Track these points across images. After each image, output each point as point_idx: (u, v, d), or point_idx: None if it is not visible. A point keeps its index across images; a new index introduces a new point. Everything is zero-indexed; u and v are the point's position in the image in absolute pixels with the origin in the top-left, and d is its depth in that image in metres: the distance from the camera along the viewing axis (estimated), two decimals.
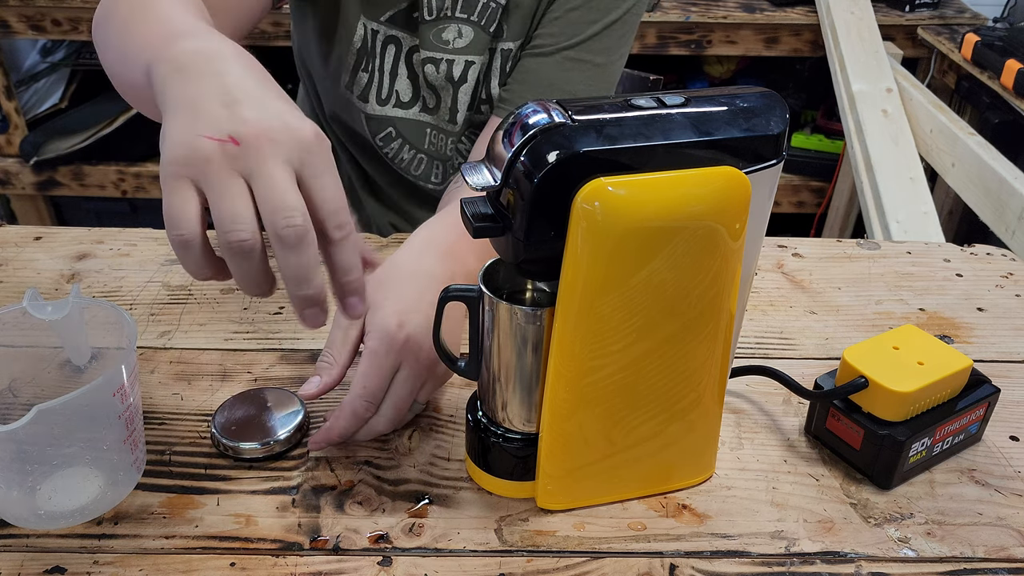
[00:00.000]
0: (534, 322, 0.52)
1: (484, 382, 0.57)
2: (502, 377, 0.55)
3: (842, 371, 0.61)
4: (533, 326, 0.52)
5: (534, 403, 0.55)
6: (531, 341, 0.53)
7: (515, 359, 0.54)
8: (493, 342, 0.54)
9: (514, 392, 0.55)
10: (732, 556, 0.55)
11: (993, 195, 1.54)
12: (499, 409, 0.56)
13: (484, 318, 0.54)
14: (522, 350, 0.53)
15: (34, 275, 0.80)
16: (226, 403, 0.63)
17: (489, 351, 0.55)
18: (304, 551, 0.54)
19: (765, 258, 0.87)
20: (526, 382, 0.55)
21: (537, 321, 0.52)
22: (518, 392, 0.55)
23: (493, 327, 0.54)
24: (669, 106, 0.49)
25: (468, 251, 0.67)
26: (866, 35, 1.91)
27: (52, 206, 2.34)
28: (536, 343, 0.53)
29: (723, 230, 0.49)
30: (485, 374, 0.56)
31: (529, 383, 0.55)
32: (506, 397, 0.56)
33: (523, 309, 0.52)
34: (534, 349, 0.53)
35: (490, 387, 0.56)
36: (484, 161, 0.50)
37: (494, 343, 0.54)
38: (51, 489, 0.56)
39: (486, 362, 0.56)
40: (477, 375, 0.57)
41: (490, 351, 0.55)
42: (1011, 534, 0.57)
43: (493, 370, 0.55)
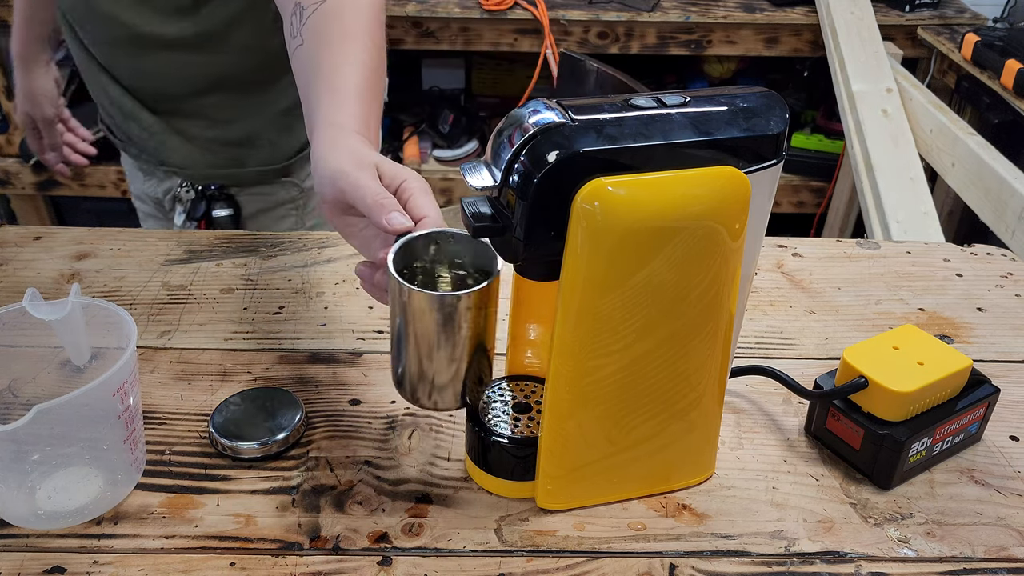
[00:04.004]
0: (458, 306, 0.51)
1: (405, 367, 0.55)
2: (424, 359, 0.54)
3: (842, 371, 0.61)
4: (457, 310, 0.51)
5: (460, 380, 0.54)
6: (456, 322, 0.51)
7: (440, 340, 0.52)
8: (411, 327, 0.53)
9: (440, 372, 0.54)
10: (732, 556, 0.55)
11: (993, 195, 1.54)
12: (424, 392, 0.55)
13: (399, 303, 0.53)
14: (447, 331, 0.52)
15: (34, 275, 0.80)
16: (225, 403, 0.63)
17: (406, 335, 0.53)
18: (304, 551, 0.54)
19: (765, 258, 0.87)
20: (450, 362, 0.53)
21: (461, 304, 0.51)
22: (445, 372, 0.54)
23: (409, 313, 0.52)
24: (669, 106, 0.49)
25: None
26: (866, 35, 1.91)
27: (52, 206, 2.34)
28: (461, 323, 0.52)
29: (723, 230, 0.49)
30: (407, 360, 0.55)
31: (455, 361, 0.53)
32: (432, 379, 0.54)
33: (446, 295, 0.51)
34: (458, 328, 0.52)
35: (409, 371, 0.55)
36: (484, 161, 0.50)
37: (412, 328, 0.53)
38: (51, 489, 0.56)
39: (406, 346, 0.54)
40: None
41: (407, 335, 0.53)
42: (1011, 534, 0.57)
43: (411, 354, 0.54)
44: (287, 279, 0.81)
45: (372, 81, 0.70)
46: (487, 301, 0.52)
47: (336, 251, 0.86)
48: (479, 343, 0.54)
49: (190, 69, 0.96)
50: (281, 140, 1.05)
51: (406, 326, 0.53)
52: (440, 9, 1.96)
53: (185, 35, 0.92)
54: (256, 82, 1.00)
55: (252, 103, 1.01)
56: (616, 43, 2.01)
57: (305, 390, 0.67)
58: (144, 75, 0.97)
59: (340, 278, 0.81)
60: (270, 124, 1.03)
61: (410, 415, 0.65)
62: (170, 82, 0.97)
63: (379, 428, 0.64)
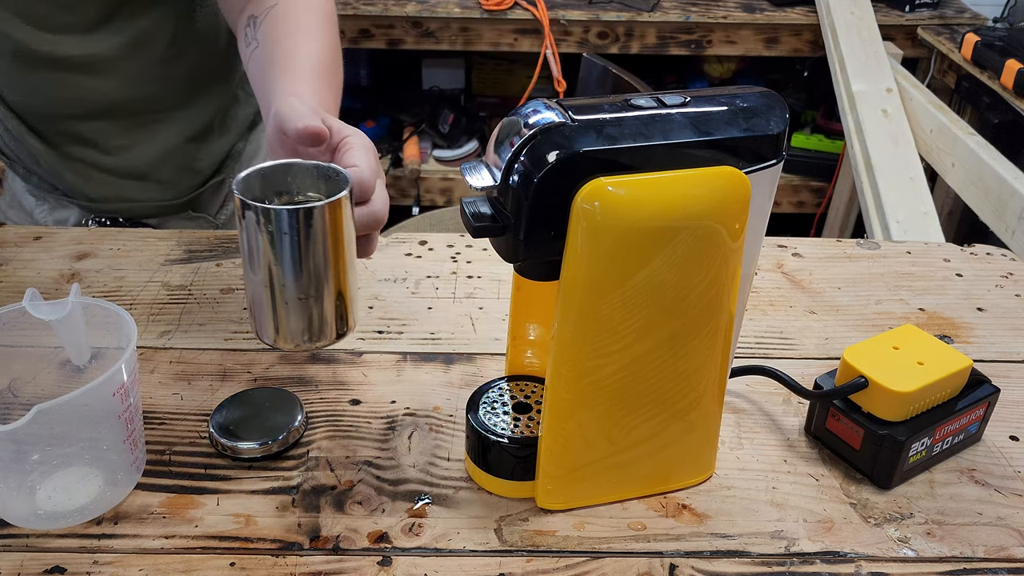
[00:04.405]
0: (320, 219, 0.50)
1: (251, 297, 0.54)
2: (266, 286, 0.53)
3: (842, 371, 0.61)
4: (320, 223, 0.50)
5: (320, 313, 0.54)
6: (319, 239, 0.51)
7: (278, 262, 0.52)
8: (251, 250, 0.52)
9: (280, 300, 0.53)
10: (732, 556, 0.55)
11: (993, 195, 1.54)
12: (271, 326, 0.54)
13: (253, 229, 0.52)
14: (283, 251, 0.51)
15: (34, 275, 0.80)
16: (224, 403, 0.63)
17: (249, 261, 0.53)
18: (304, 551, 0.54)
19: (765, 258, 0.87)
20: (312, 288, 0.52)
21: (323, 218, 0.50)
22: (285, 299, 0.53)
23: (248, 233, 0.51)
24: (669, 106, 0.49)
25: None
26: (866, 35, 1.91)
27: None
28: (326, 241, 0.51)
29: (723, 230, 0.49)
30: (252, 290, 0.54)
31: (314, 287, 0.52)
32: (276, 309, 0.54)
33: (302, 208, 0.50)
34: (297, 249, 0.51)
35: (254, 301, 0.54)
36: (484, 161, 0.50)
37: (252, 251, 0.52)
38: (51, 489, 0.56)
39: (249, 273, 0.53)
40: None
41: (249, 261, 0.53)
42: (1011, 534, 0.57)
43: (254, 281, 0.53)
44: None
45: (328, 66, 0.71)
46: (328, 225, 0.51)
47: None
48: (324, 272, 0.52)
49: (78, 91, 0.91)
50: (180, 175, 1.01)
51: (248, 252, 0.52)
52: (440, 9, 1.96)
53: (72, 55, 0.88)
54: (149, 112, 0.96)
55: (145, 133, 0.97)
56: (616, 43, 2.01)
57: (305, 390, 0.67)
58: (31, 93, 0.93)
59: None
60: (168, 156, 0.99)
61: (410, 415, 0.65)
62: (58, 103, 0.93)
63: (379, 428, 0.64)
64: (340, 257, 0.54)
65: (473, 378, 0.69)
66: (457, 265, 0.84)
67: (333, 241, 0.52)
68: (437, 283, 0.81)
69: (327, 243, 0.52)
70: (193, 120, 0.99)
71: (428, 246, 0.87)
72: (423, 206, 2.21)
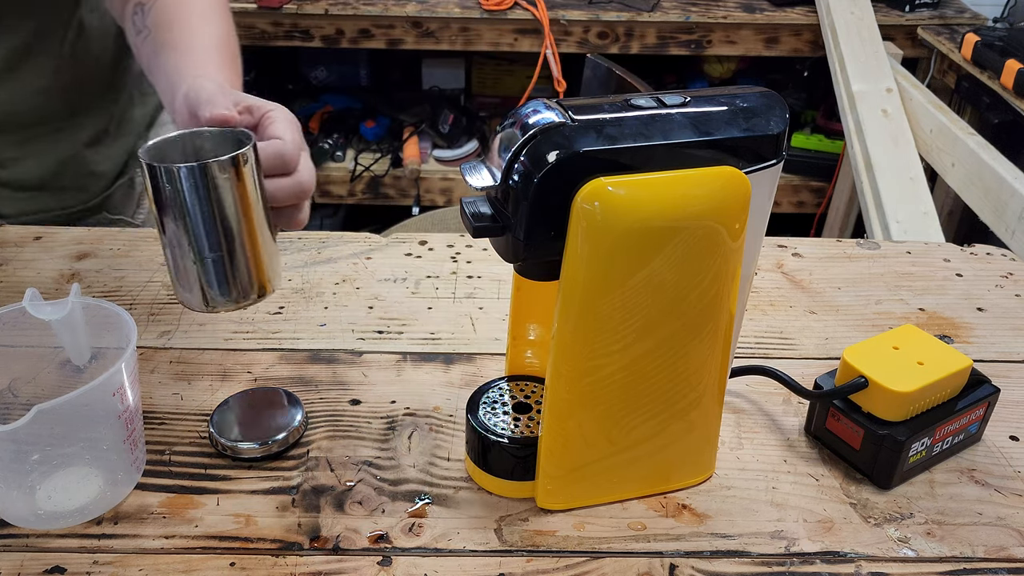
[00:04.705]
0: (229, 173, 0.51)
1: (169, 260, 0.55)
2: (178, 245, 0.54)
3: (842, 371, 0.61)
4: (229, 178, 0.51)
5: (242, 269, 0.54)
6: (198, 197, 0.52)
7: (187, 217, 0.53)
8: (160, 209, 0.53)
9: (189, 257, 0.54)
10: (732, 556, 0.55)
11: (993, 195, 1.54)
12: (188, 286, 0.55)
13: (159, 191, 0.53)
14: (190, 208, 0.52)
15: (34, 275, 0.80)
16: (224, 403, 0.63)
17: (158, 222, 0.54)
18: (304, 551, 0.54)
19: (765, 258, 0.87)
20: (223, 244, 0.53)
21: (234, 170, 0.51)
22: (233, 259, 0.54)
23: (155, 195, 0.52)
24: (669, 106, 0.49)
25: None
26: (866, 35, 1.91)
27: None
28: (231, 197, 0.52)
29: (723, 230, 0.49)
30: (168, 252, 0.55)
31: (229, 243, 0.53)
32: (191, 266, 0.54)
33: (215, 162, 0.51)
34: (203, 205, 0.52)
35: (172, 263, 0.55)
36: (484, 161, 0.50)
37: (160, 210, 0.53)
38: (51, 489, 0.56)
39: (162, 235, 0.54)
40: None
41: (159, 221, 0.54)
42: (1011, 534, 0.57)
43: (169, 241, 0.54)
44: (287, 279, 0.81)
45: (230, 49, 0.71)
46: (232, 181, 0.52)
47: (336, 251, 0.86)
48: (233, 229, 0.53)
49: None
50: (81, 180, 0.99)
51: (158, 214, 0.53)
52: (440, 9, 1.96)
53: None
54: (40, 124, 0.93)
55: (39, 145, 0.94)
56: (616, 43, 2.01)
57: (305, 390, 0.67)
58: None
59: (340, 278, 0.81)
60: (64, 165, 0.96)
61: (410, 415, 0.65)
62: None
63: (379, 428, 0.64)
64: (248, 215, 0.55)
65: (473, 378, 0.69)
66: (457, 265, 0.84)
67: (239, 197, 0.53)
68: (437, 283, 0.81)
69: (233, 199, 0.53)
70: (87, 127, 0.96)
71: (428, 246, 0.87)
72: (423, 206, 2.21)
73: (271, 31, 1.98)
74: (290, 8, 1.94)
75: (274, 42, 2.00)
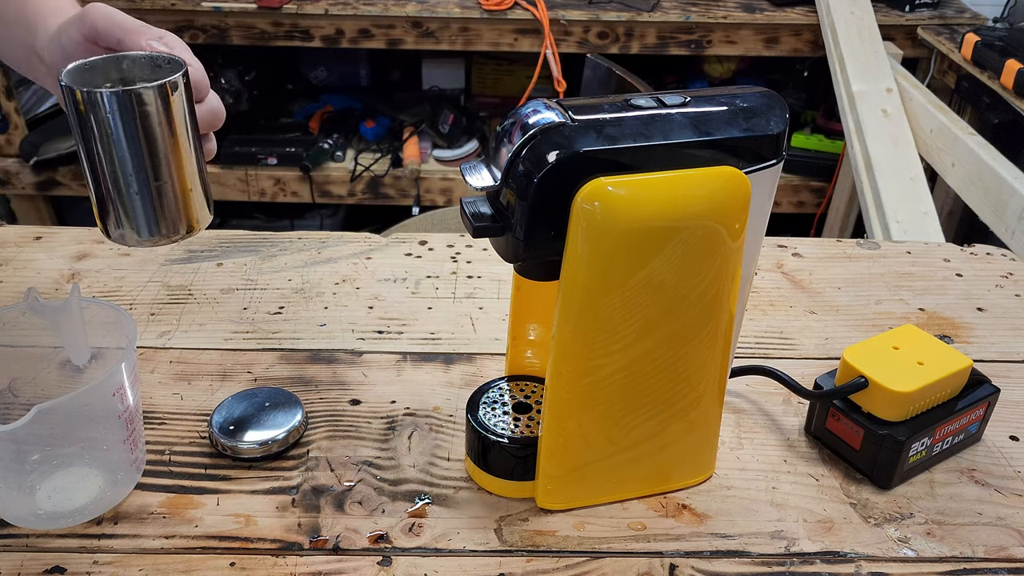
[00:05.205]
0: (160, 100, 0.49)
1: (91, 190, 0.53)
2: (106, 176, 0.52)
3: (842, 371, 0.61)
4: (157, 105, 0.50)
5: (171, 202, 0.53)
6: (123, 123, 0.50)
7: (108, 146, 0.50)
8: (82, 137, 0.51)
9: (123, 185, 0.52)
10: (732, 556, 0.55)
11: (993, 195, 1.54)
12: (115, 219, 0.53)
13: (86, 119, 0.50)
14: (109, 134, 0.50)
15: (34, 275, 0.80)
16: (224, 403, 0.63)
17: (81, 152, 0.52)
18: (304, 551, 0.54)
19: (765, 258, 0.87)
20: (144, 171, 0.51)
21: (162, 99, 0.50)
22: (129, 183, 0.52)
23: (77, 121, 0.50)
24: (669, 106, 0.49)
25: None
26: (866, 35, 1.91)
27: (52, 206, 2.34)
28: (163, 125, 0.50)
29: (723, 230, 0.49)
30: (103, 181, 0.52)
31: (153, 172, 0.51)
32: (120, 197, 0.52)
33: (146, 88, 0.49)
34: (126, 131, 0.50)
35: (94, 192, 0.53)
36: (484, 161, 0.50)
37: (82, 138, 0.51)
38: (51, 489, 0.56)
39: (83, 166, 0.52)
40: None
41: (82, 151, 0.51)
42: (1011, 534, 0.57)
43: (89, 173, 0.52)
44: (287, 279, 0.81)
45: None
46: (162, 107, 0.50)
47: (336, 251, 0.86)
48: (165, 158, 0.52)
49: None
50: None
51: (85, 143, 0.51)
52: (440, 9, 1.96)
53: None
54: None
55: None
56: (616, 43, 2.01)
57: (305, 390, 0.67)
58: None
59: (340, 278, 0.81)
60: None
61: (410, 415, 0.65)
62: None
63: (379, 428, 0.64)
64: (179, 145, 0.53)
65: (473, 378, 0.69)
66: (457, 265, 0.84)
67: (170, 126, 0.51)
68: (437, 283, 0.81)
69: (163, 129, 0.51)
70: None
71: (428, 246, 0.87)
72: (423, 206, 2.21)
73: (271, 31, 1.98)
74: (290, 8, 1.94)
75: (274, 42, 2.00)
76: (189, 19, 1.96)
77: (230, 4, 1.94)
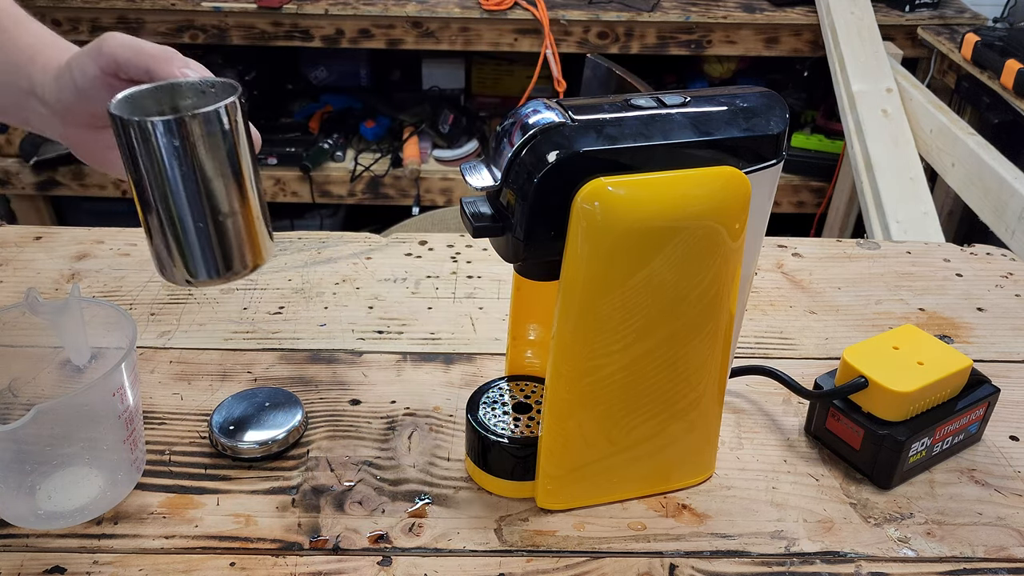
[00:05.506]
0: (222, 126, 0.47)
1: (152, 229, 0.50)
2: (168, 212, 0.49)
3: (842, 371, 0.61)
4: (221, 132, 0.47)
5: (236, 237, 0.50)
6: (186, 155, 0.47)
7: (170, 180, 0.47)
8: (141, 170, 0.47)
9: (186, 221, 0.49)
10: (732, 556, 0.55)
11: (993, 195, 1.54)
12: (175, 257, 0.50)
13: (143, 151, 0.47)
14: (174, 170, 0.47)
15: (34, 275, 0.80)
16: (224, 403, 0.63)
17: (139, 186, 0.48)
18: (304, 551, 0.54)
19: (765, 258, 0.87)
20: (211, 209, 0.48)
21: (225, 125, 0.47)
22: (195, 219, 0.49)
23: (137, 154, 0.47)
24: (669, 106, 0.49)
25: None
26: (866, 35, 1.91)
27: (52, 206, 2.35)
28: (224, 153, 0.48)
29: (723, 230, 0.49)
30: (149, 221, 0.50)
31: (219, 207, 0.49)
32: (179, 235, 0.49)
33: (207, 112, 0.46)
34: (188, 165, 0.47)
35: (157, 232, 0.50)
36: (484, 161, 0.50)
37: (142, 170, 0.47)
38: (51, 489, 0.56)
39: (141, 204, 0.49)
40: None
41: (140, 185, 0.48)
42: (1011, 534, 0.57)
43: (152, 208, 0.49)
44: (287, 279, 0.81)
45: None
46: (221, 135, 0.48)
47: (336, 251, 0.86)
48: (227, 191, 0.49)
49: None
50: None
51: (133, 175, 0.48)
52: (440, 9, 1.96)
53: None
54: None
55: None
56: (616, 43, 2.01)
57: (305, 390, 0.67)
58: None
59: (340, 278, 0.81)
60: None
61: (410, 415, 0.65)
62: None
63: (379, 428, 0.64)
64: (243, 171, 0.50)
65: (473, 378, 0.69)
66: (457, 265, 0.84)
67: (228, 156, 0.49)
68: (437, 283, 0.81)
69: (221, 158, 0.48)
70: None
71: (428, 246, 0.87)
72: (423, 206, 2.21)
73: (271, 31, 1.98)
74: (290, 8, 1.94)
75: (274, 42, 2.00)
76: (189, 19, 1.96)
77: (230, 4, 1.94)
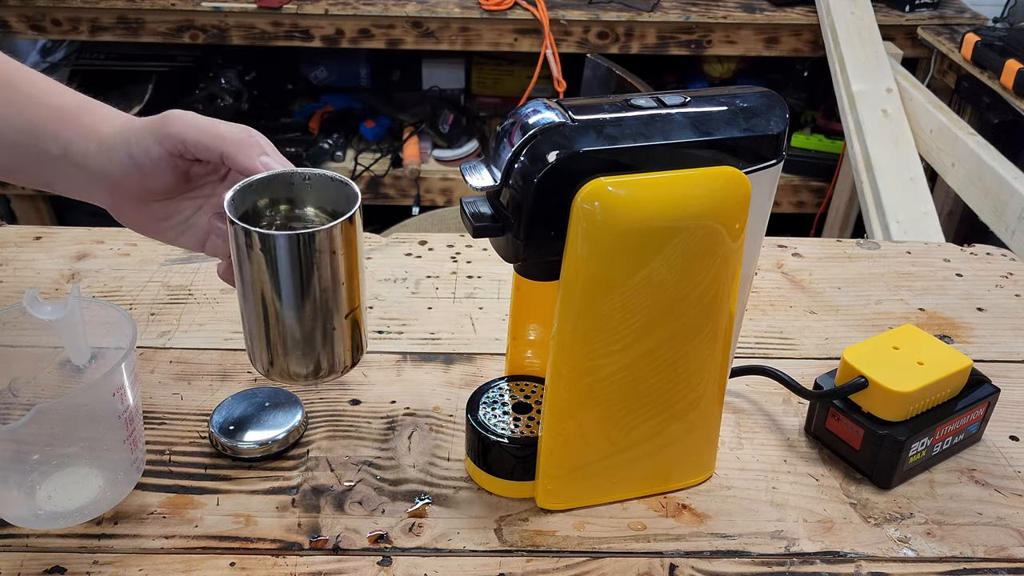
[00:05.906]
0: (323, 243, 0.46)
1: (256, 332, 0.50)
2: (277, 317, 0.48)
3: (842, 371, 0.61)
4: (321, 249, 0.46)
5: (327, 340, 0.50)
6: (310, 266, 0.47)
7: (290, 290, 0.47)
8: (256, 278, 0.47)
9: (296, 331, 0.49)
10: (732, 556, 0.55)
11: (993, 195, 1.54)
12: (282, 361, 0.50)
13: (242, 253, 0.47)
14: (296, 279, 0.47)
15: (34, 275, 0.80)
16: (224, 403, 0.63)
17: (252, 291, 0.48)
18: (304, 551, 0.54)
19: (765, 258, 0.87)
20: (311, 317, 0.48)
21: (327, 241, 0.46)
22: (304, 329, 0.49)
23: (254, 261, 0.47)
24: (669, 106, 0.49)
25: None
26: (866, 35, 1.91)
27: (52, 206, 2.34)
28: (340, 262, 0.48)
29: (723, 230, 0.49)
30: (255, 323, 0.50)
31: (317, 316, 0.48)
32: (289, 342, 0.49)
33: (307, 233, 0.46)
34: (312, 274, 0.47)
35: (264, 336, 0.50)
36: (484, 161, 0.50)
37: (257, 279, 0.47)
38: (51, 489, 0.56)
39: (252, 306, 0.49)
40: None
41: (253, 291, 0.48)
42: (1011, 534, 0.57)
43: (259, 313, 0.49)
44: None
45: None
46: (341, 244, 0.48)
47: None
48: (337, 297, 0.49)
49: None
50: None
51: (252, 279, 0.48)
52: (440, 9, 1.96)
53: None
54: None
55: None
56: (616, 43, 2.01)
57: (305, 390, 0.67)
58: None
59: None
60: None
61: (410, 415, 0.65)
62: None
63: (379, 428, 0.64)
64: (354, 278, 0.51)
65: (473, 378, 0.69)
66: (457, 265, 0.84)
67: (351, 261, 0.49)
68: (437, 283, 0.81)
69: (340, 264, 0.49)
70: None
71: (428, 246, 0.87)
72: (423, 206, 2.21)
73: (271, 31, 1.98)
74: (290, 8, 1.94)
75: (274, 42, 2.00)
76: (189, 19, 1.96)
77: (230, 4, 1.94)
